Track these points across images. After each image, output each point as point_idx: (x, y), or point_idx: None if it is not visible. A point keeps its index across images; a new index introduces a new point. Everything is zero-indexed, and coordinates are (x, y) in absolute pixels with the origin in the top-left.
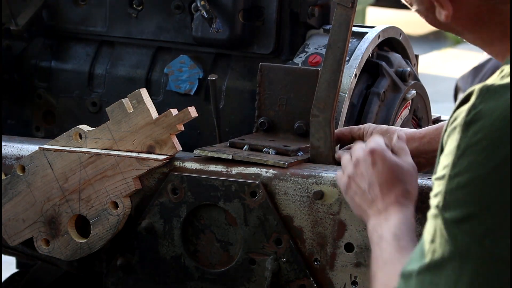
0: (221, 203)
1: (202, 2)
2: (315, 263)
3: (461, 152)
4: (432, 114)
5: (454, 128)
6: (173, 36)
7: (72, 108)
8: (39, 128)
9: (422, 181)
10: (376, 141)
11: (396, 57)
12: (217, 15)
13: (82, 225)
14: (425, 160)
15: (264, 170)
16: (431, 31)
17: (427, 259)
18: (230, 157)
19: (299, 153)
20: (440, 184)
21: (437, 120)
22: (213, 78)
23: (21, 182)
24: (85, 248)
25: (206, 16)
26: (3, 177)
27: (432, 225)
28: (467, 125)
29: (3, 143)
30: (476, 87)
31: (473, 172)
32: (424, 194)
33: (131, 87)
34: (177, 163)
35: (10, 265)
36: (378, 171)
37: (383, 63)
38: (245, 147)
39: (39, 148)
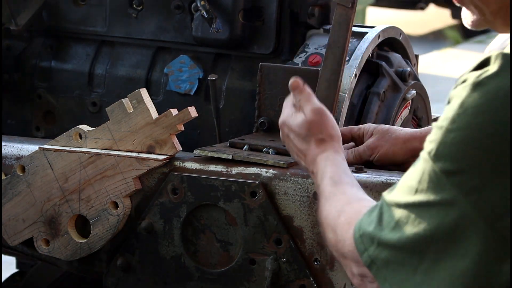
0: (221, 203)
1: (202, 2)
2: (315, 263)
3: (462, 110)
4: (432, 114)
5: (464, 86)
6: (173, 36)
7: (72, 108)
8: (39, 128)
9: None
10: (283, 114)
11: (396, 57)
12: (217, 15)
13: (82, 225)
14: None
15: (264, 170)
16: (431, 31)
17: (415, 197)
18: (230, 157)
19: None
20: (437, 133)
21: (437, 120)
22: (213, 78)
23: (21, 182)
24: (85, 248)
25: (206, 16)
26: (3, 177)
27: (422, 167)
28: (475, 86)
29: (3, 143)
30: (494, 54)
31: (469, 131)
32: None
33: (131, 87)
34: (177, 163)
35: (10, 265)
36: (290, 141)
37: (383, 63)
38: (245, 147)
39: (39, 148)
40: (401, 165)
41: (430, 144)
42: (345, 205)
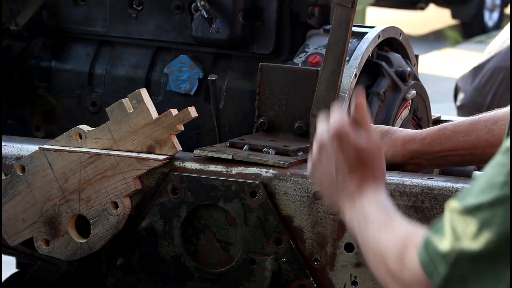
0: (221, 203)
1: (202, 2)
2: (315, 263)
3: None
4: (432, 114)
5: None
6: (173, 36)
7: (72, 108)
8: (39, 128)
9: (422, 181)
10: (339, 122)
11: (396, 57)
12: (217, 15)
13: (82, 225)
14: (426, 161)
15: (264, 170)
16: (431, 31)
17: (500, 191)
18: (230, 157)
19: (299, 153)
20: None
21: (437, 120)
22: (213, 78)
23: (21, 182)
24: (85, 248)
25: (206, 16)
26: (3, 177)
27: (506, 162)
28: None
29: (3, 143)
30: None
31: None
32: (424, 194)
33: (131, 87)
34: (177, 163)
35: (10, 265)
36: (345, 155)
37: (383, 63)
38: (245, 147)
39: (39, 148)
40: (399, 166)
41: None
42: (404, 236)
